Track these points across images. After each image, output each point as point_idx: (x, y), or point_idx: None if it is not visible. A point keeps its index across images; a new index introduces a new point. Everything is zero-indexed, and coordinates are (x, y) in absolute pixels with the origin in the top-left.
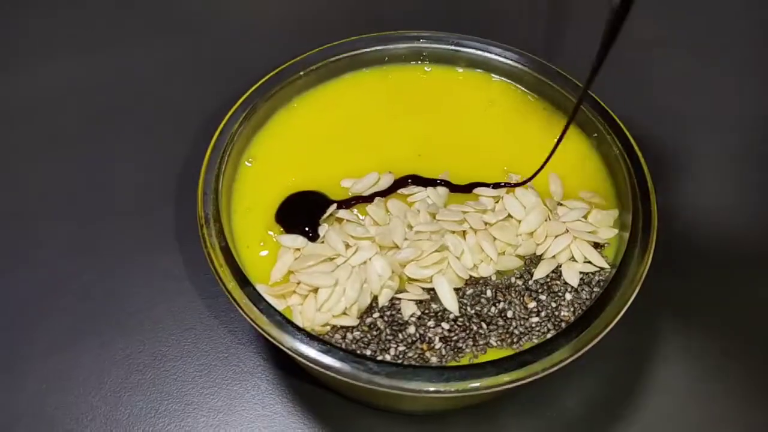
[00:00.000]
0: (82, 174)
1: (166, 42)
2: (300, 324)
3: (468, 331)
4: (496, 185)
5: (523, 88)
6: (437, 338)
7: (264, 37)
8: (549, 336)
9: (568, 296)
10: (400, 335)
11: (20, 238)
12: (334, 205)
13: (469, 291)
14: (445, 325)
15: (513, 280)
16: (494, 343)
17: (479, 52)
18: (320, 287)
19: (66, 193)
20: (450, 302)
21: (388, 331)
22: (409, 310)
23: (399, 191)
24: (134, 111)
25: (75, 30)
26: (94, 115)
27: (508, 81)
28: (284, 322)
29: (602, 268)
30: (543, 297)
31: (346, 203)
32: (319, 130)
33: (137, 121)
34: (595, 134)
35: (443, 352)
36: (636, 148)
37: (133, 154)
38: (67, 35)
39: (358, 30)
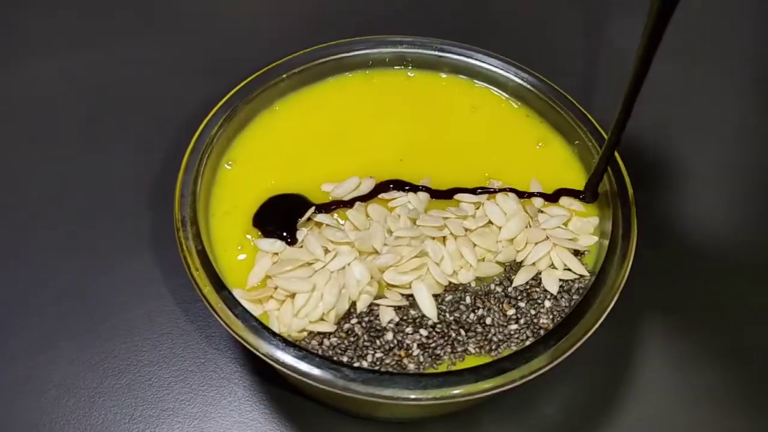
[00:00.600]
0: (58, 175)
1: (148, 43)
2: (276, 329)
3: (446, 338)
4: (483, 190)
5: (506, 95)
6: (415, 345)
7: (248, 39)
8: (528, 343)
9: (548, 303)
10: (377, 341)
11: None
12: (313, 208)
13: (449, 297)
14: (424, 332)
15: (492, 286)
16: (472, 350)
17: (462, 58)
18: (297, 292)
19: (41, 194)
20: (429, 308)
21: (365, 337)
22: (387, 316)
23: (380, 196)
24: (114, 112)
25: (52, 31)
26: (73, 117)
27: (491, 87)
28: (260, 327)
29: (582, 276)
30: (522, 304)
31: (326, 207)
32: (301, 134)
33: (117, 122)
34: (577, 141)
35: (421, 359)
36: (616, 155)
37: (112, 155)
38: (43, 36)
39: (343, 34)
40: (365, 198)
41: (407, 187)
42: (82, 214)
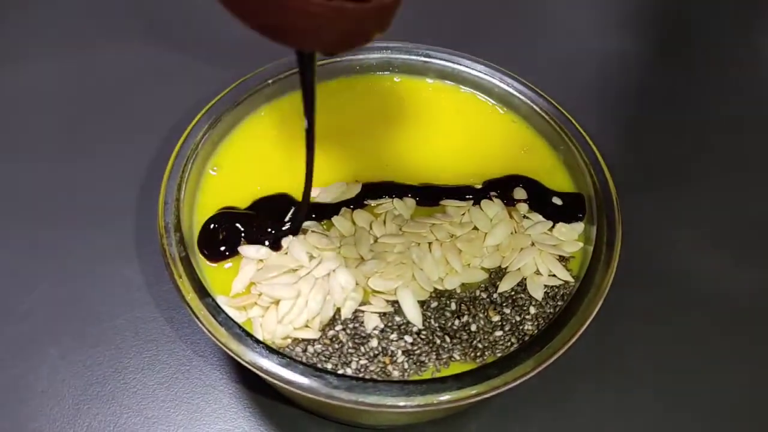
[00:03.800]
0: (42, 180)
1: (133, 48)
2: (260, 337)
3: (431, 345)
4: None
5: (492, 101)
6: (400, 351)
7: (234, 44)
8: (513, 350)
9: (533, 310)
10: (362, 348)
11: None
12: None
13: (434, 304)
14: (408, 339)
15: (478, 293)
16: (457, 357)
17: (449, 64)
18: (282, 299)
19: (26, 198)
20: (414, 315)
21: (350, 344)
22: (372, 322)
23: (365, 201)
24: (99, 117)
25: (37, 35)
26: (57, 122)
27: (477, 93)
28: (243, 334)
29: (567, 282)
30: (507, 310)
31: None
32: (287, 139)
33: (102, 128)
34: (562, 147)
35: (406, 365)
36: (602, 161)
37: (97, 161)
38: (29, 40)
39: None
40: (352, 202)
41: (394, 192)
42: (66, 220)
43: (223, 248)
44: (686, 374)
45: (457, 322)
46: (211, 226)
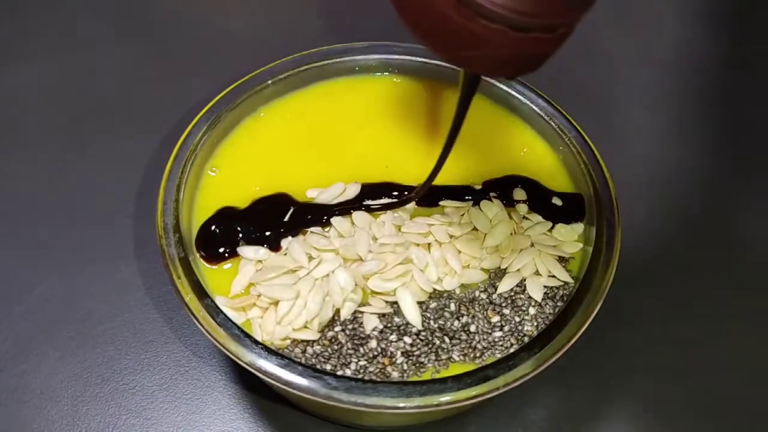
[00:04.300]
0: (40, 180)
1: (132, 49)
2: (259, 337)
3: (430, 346)
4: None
5: (492, 101)
6: (399, 352)
7: (234, 45)
8: (512, 350)
9: (532, 310)
10: (361, 349)
11: None
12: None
13: (433, 304)
14: (408, 339)
15: (477, 293)
16: (457, 358)
17: (448, 65)
18: (281, 300)
19: (24, 199)
20: (413, 316)
21: (349, 345)
22: (371, 323)
23: (365, 202)
24: (97, 118)
25: (35, 35)
26: (55, 123)
27: (478, 94)
28: (242, 335)
29: (566, 283)
30: (507, 311)
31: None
32: (286, 140)
33: (100, 129)
34: (561, 147)
35: (405, 366)
36: (601, 161)
37: (96, 161)
38: (27, 40)
39: (329, 40)
40: (351, 203)
41: (395, 192)
42: (64, 220)
43: (221, 250)
44: (686, 375)
45: (456, 322)
46: (212, 227)
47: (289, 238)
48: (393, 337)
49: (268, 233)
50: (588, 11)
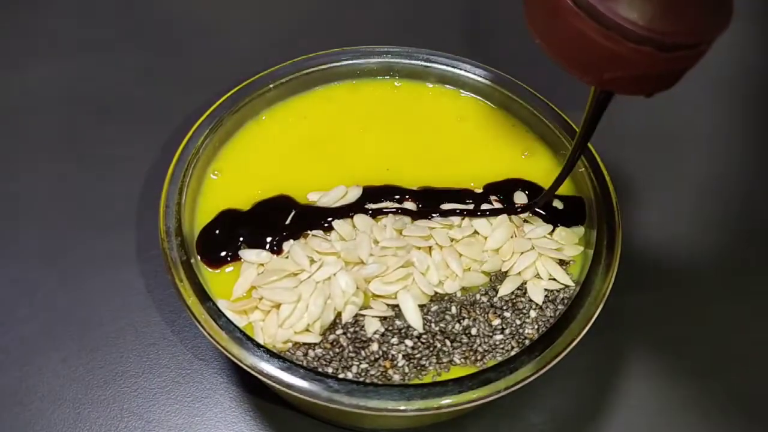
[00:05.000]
0: (43, 183)
1: (134, 53)
2: (261, 340)
3: (432, 349)
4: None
5: (493, 105)
6: (400, 355)
7: (236, 49)
8: (513, 353)
9: (533, 313)
10: (362, 352)
11: None
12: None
13: (434, 307)
14: (409, 342)
15: (478, 296)
16: (458, 361)
17: (449, 68)
18: (283, 303)
19: (27, 204)
20: (414, 319)
21: (350, 348)
22: (372, 326)
23: (366, 205)
24: (100, 121)
25: (39, 39)
26: (57, 127)
27: (478, 97)
28: (244, 338)
29: (567, 286)
30: (507, 314)
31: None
32: (288, 144)
33: (102, 133)
34: (562, 151)
35: (406, 369)
36: (602, 165)
37: (98, 166)
38: (31, 45)
39: (330, 44)
40: (352, 206)
41: (396, 196)
42: (67, 224)
43: (223, 254)
44: (686, 376)
45: (457, 325)
46: (214, 231)
47: (291, 241)
48: (394, 340)
49: (269, 236)
50: (727, 28)
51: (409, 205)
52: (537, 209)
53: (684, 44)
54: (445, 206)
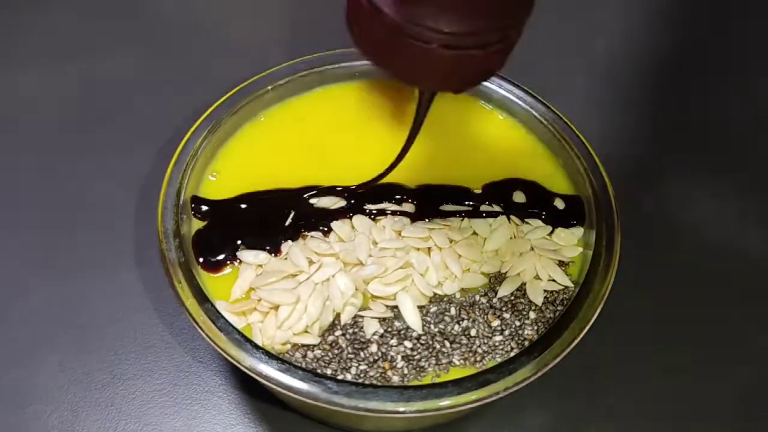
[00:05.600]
0: (42, 185)
1: (132, 54)
2: (260, 342)
3: (431, 350)
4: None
5: (491, 106)
6: (399, 357)
7: (234, 50)
8: (512, 354)
9: (532, 315)
10: (361, 354)
11: None
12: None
13: (433, 309)
14: (408, 344)
15: (477, 297)
16: (457, 362)
17: None
18: (281, 304)
19: (25, 204)
20: (413, 320)
21: (349, 349)
22: (371, 328)
23: (365, 206)
24: (98, 122)
25: (37, 40)
26: (57, 126)
27: (477, 98)
28: (243, 340)
29: (566, 287)
30: (507, 315)
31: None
32: (286, 145)
33: (101, 134)
34: (561, 152)
35: (405, 371)
36: (600, 166)
37: (96, 167)
38: (29, 46)
39: (329, 45)
40: (351, 207)
41: (397, 196)
42: (65, 225)
43: (221, 257)
44: (686, 378)
45: (456, 327)
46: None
47: (290, 242)
48: (393, 342)
49: (268, 237)
50: (521, 27)
51: (408, 206)
52: (535, 210)
53: (469, 43)
54: (445, 207)
